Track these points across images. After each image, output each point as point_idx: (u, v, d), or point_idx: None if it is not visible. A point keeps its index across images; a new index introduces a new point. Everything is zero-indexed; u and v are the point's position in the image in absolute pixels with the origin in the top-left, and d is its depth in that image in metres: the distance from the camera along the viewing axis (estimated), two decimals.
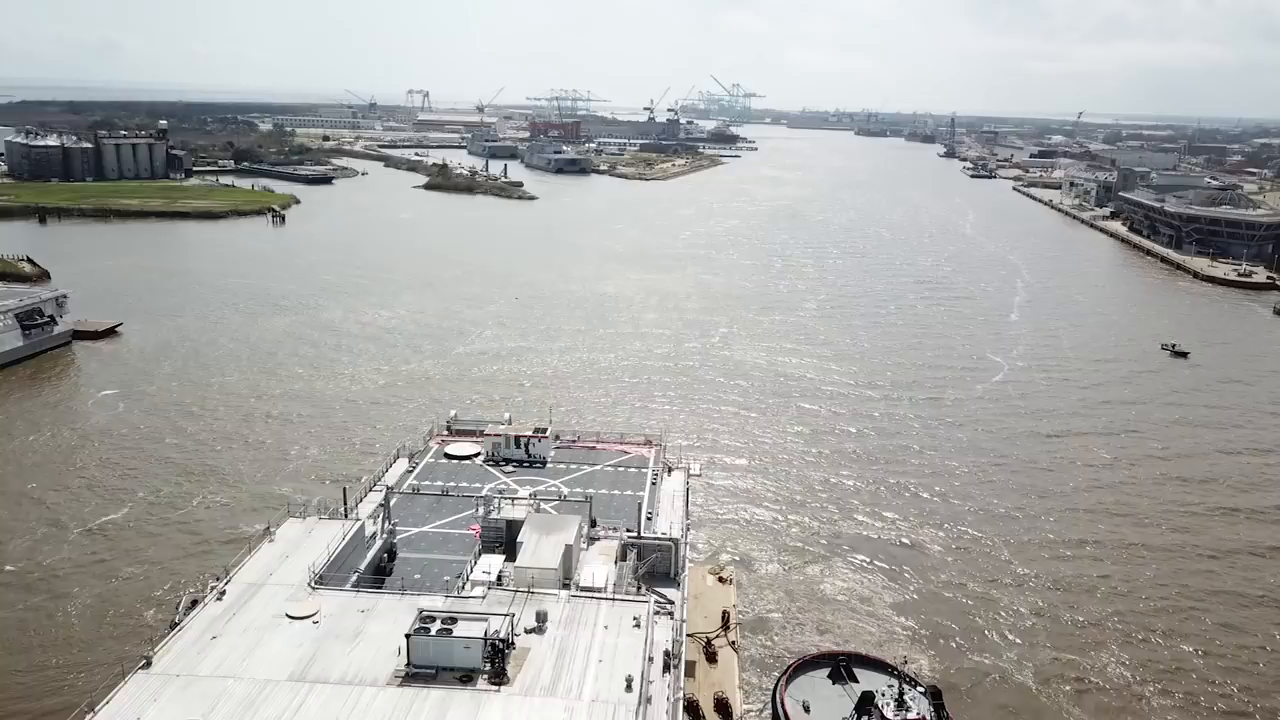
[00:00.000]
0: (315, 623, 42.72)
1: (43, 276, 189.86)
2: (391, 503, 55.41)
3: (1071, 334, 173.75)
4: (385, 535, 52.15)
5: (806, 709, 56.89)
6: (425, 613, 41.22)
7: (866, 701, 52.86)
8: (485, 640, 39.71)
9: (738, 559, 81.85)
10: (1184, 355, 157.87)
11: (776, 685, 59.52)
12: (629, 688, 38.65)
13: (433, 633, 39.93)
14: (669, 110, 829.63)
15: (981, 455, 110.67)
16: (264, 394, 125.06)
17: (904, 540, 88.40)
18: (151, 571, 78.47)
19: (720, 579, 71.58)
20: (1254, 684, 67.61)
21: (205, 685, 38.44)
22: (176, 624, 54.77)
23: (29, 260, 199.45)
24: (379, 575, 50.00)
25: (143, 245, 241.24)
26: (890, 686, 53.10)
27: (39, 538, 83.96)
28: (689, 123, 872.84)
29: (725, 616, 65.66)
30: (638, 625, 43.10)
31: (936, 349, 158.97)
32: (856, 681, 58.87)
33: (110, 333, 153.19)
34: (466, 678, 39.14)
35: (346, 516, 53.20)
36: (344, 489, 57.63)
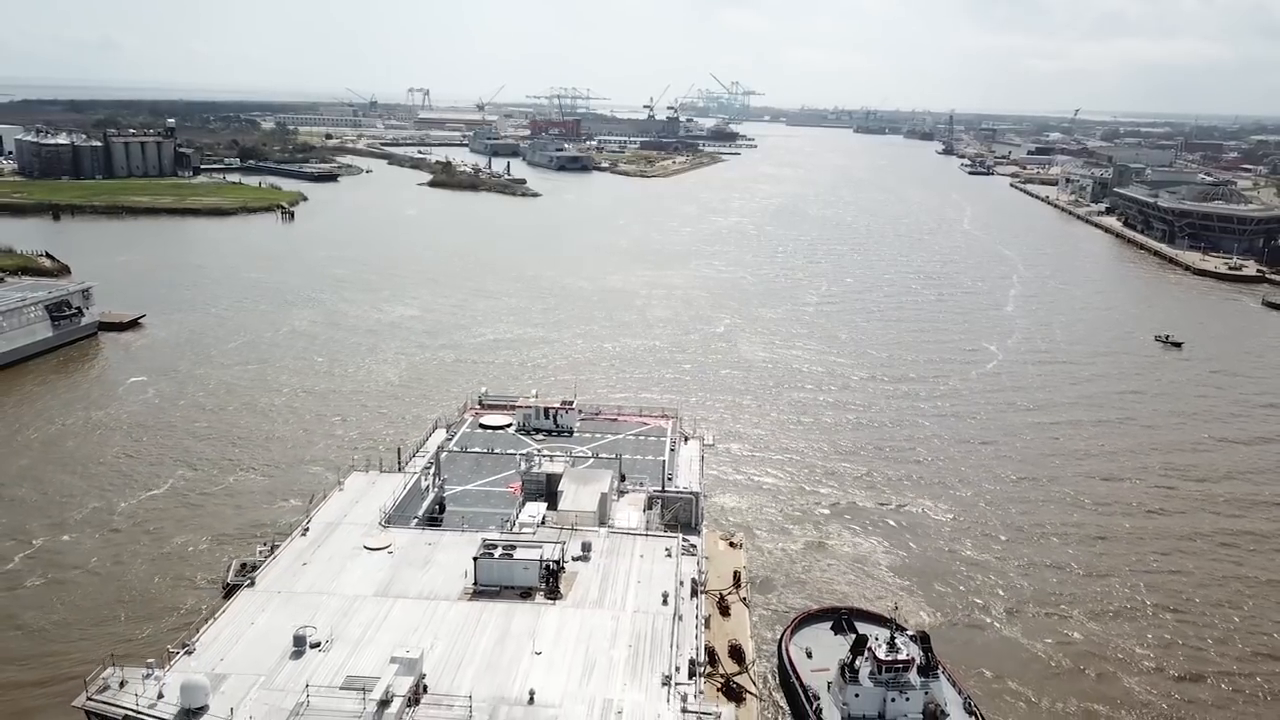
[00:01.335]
0: (390, 553, 48.72)
1: (63, 271, 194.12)
2: (441, 458, 61.02)
3: (1066, 325, 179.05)
4: (436, 489, 57.81)
5: (809, 655, 62.60)
6: (488, 541, 47.18)
7: (860, 645, 58.31)
8: (541, 562, 45.52)
9: (746, 527, 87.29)
10: (1178, 346, 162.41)
11: (782, 635, 65.26)
12: (665, 601, 44.79)
13: (496, 556, 45.86)
14: (669, 108, 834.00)
15: (976, 438, 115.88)
16: (287, 381, 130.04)
17: (899, 512, 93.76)
18: (195, 541, 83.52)
19: (731, 544, 77.13)
20: (1232, 650, 72.20)
21: (303, 600, 44.49)
22: (228, 584, 60.06)
23: (48, 255, 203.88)
24: (433, 523, 55.60)
25: (156, 241, 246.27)
26: (879, 621, 58.57)
27: (88, 512, 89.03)
28: (689, 120, 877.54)
29: (736, 576, 71.19)
30: (669, 555, 49.32)
31: (933, 339, 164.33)
32: (856, 633, 64.18)
33: (134, 324, 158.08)
34: (526, 594, 45.49)
35: (401, 470, 58.80)
36: (398, 448, 63.04)
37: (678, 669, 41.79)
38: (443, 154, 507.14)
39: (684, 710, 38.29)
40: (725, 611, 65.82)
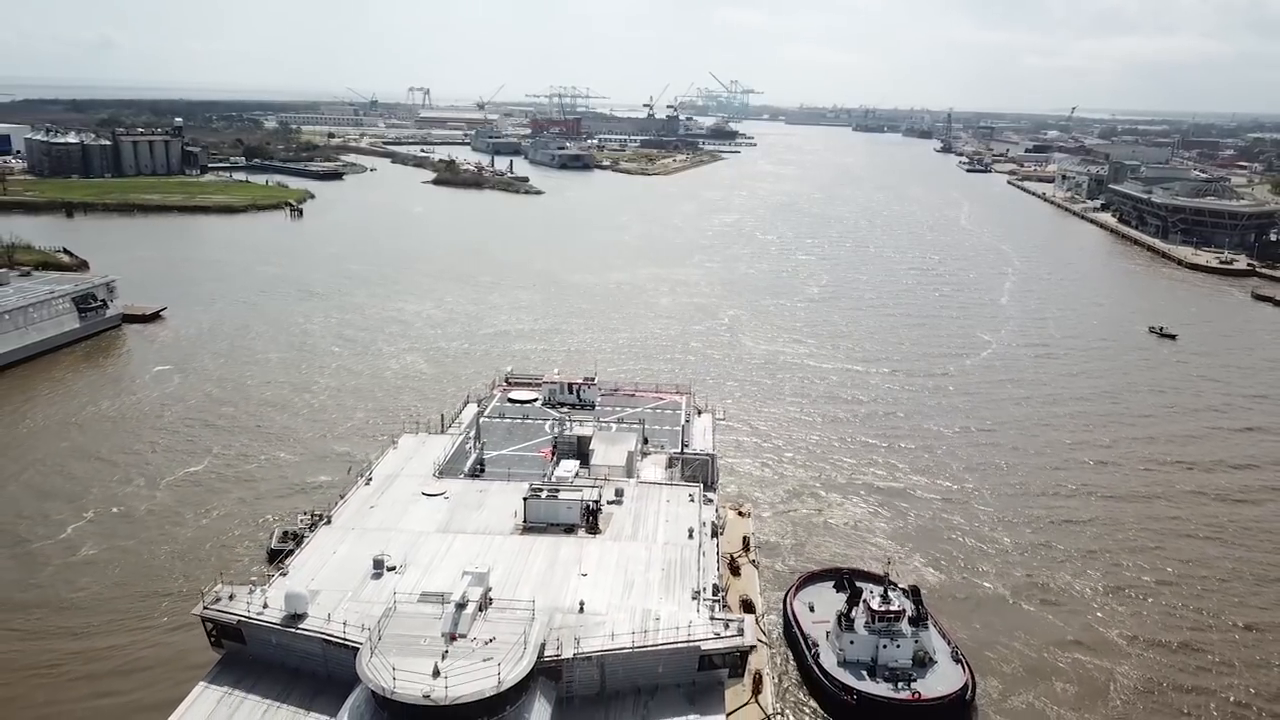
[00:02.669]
0: (446, 498, 55.34)
1: (81, 266, 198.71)
2: (480, 422, 66.85)
3: (1061, 317, 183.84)
4: (477, 451, 63.63)
5: (811, 609, 68.38)
6: (534, 485, 53.37)
7: (856, 597, 63.86)
8: (582, 503, 51.68)
9: (753, 498, 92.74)
10: (1172, 337, 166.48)
11: (787, 593, 70.83)
12: (690, 536, 51.32)
13: (543, 497, 52.26)
14: (668, 107, 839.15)
15: (970, 421, 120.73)
16: (307, 369, 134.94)
17: (895, 487, 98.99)
18: (236, 512, 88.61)
19: (740, 513, 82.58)
20: (1214, 619, 76.58)
21: (375, 535, 51.46)
22: (272, 550, 65.48)
23: (66, 251, 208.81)
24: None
25: (169, 238, 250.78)
26: (875, 582, 64.10)
27: (132, 488, 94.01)
28: (688, 119, 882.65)
29: (746, 540, 76.71)
30: (692, 500, 56.15)
31: (930, 329, 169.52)
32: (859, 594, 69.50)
33: (155, 316, 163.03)
34: (569, 530, 52.76)
35: (444, 432, 64.51)
36: (441, 414, 68.41)
37: (704, 588, 47.98)
38: (445, 152, 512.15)
39: (712, 618, 44.20)
40: (736, 572, 71.11)
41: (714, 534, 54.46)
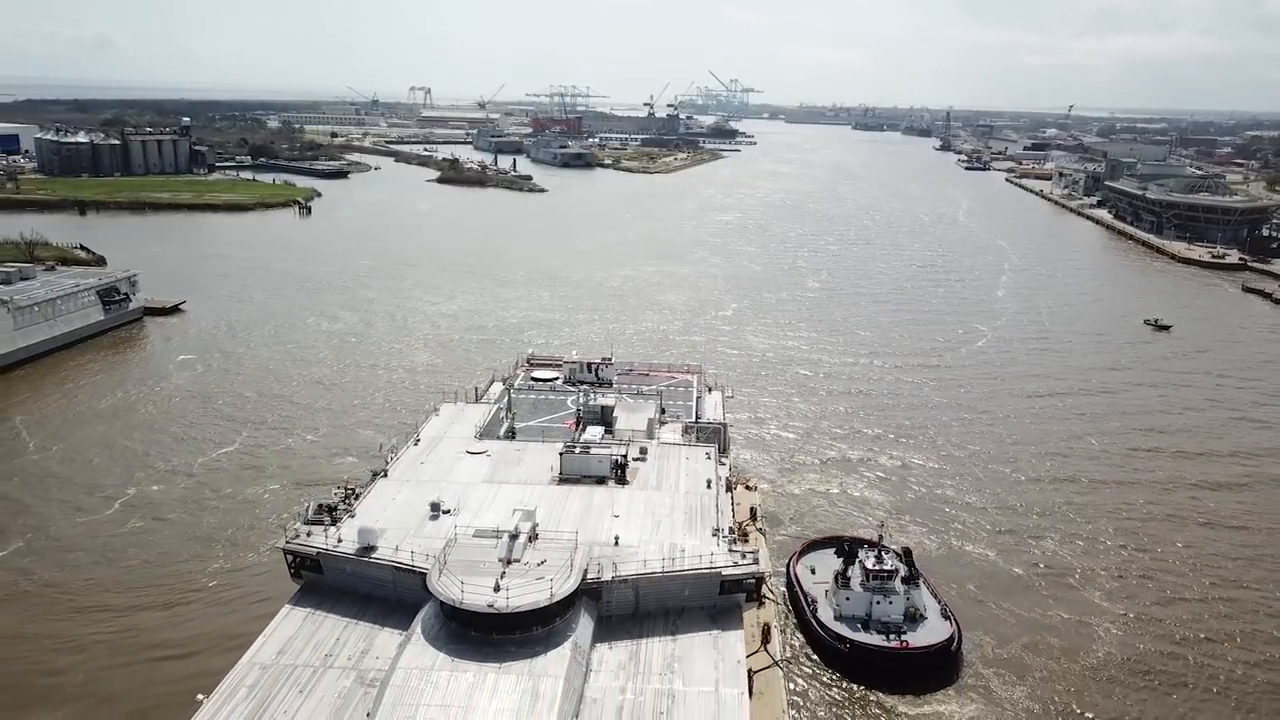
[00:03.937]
0: (488, 455, 61.63)
1: (98, 262, 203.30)
2: (510, 396, 72.46)
3: (1057, 309, 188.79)
4: (509, 421, 69.39)
5: (813, 571, 73.82)
6: (568, 443, 59.28)
7: (851, 557, 69.09)
8: (611, 458, 58.00)
9: (758, 474, 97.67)
10: (1167, 329, 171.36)
11: (791, 558, 76.10)
12: (709, 486, 57.98)
13: (576, 452, 58.94)
14: (669, 106, 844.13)
15: (966, 408, 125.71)
16: (325, 359, 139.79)
17: (893, 465, 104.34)
18: (267, 491, 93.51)
19: (747, 486, 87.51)
20: (1195, 581, 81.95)
21: (428, 485, 58.32)
22: (308, 520, 70.77)
23: (83, 248, 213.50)
24: None
25: (181, 235, 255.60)
26: (872, 547, 69.31)
27: (167, 470, 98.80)
28: (689, 118, 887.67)
29: (753, 511, 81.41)
30: (708, 458, 62.63)
31: (927, 320, 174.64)
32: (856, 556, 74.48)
33: (175, 310, 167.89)
34: (600, 481, 59.50)
35: (478, 401, 70.21)
36: (475, 387, 73.68)
37: (722, 528, 54.96)
38: (448, 151, 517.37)
39: (730, 550, 50.17)
40: (745, 538, 75.96)
41: (728, 488, 60.80)
